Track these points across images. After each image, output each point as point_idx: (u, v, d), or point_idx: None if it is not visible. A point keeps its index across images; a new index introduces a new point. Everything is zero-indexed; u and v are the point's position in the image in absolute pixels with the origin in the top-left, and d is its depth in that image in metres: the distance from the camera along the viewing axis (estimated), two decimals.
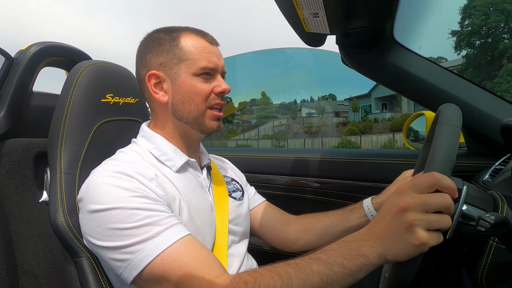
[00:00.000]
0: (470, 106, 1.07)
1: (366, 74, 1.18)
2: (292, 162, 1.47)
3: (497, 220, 0.50)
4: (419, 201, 0.52)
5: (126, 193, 0.67)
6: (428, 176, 0.53)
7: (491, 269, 0.59)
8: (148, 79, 0.82)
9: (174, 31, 0.83)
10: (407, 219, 0.52)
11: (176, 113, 0.82)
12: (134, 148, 0.83)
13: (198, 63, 0.80)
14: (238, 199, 0.96)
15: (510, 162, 0.90)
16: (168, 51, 0.81)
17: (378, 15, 0.93)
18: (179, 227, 0.68)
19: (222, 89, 0.82)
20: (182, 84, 0.80)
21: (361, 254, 0.56)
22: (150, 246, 0.64)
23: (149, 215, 0.66)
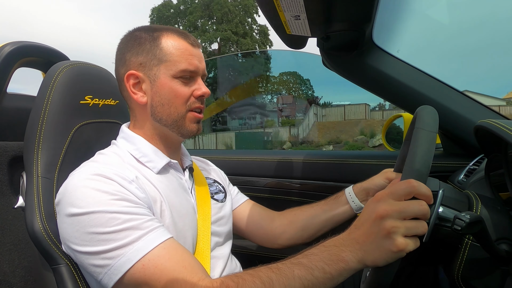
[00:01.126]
0: (446, 108, 1.10)
1: (346, 76, 1.20)
2: (274, 164, 1.47)
3: (472, 219, 0.52)
4: (397, 208, 0.54)
5: (105, 196, 0.65)
6: (405, 183, 0.54)
7: (466, 266, 0.61)
8: (127, 78, 0.80)
9: (155, 31, 0.81)
10: (386, 227, 0.53)
11: (155, 115, 0.81)
12: (113, 150, 0.81)
13: (178, 65, 0.78)
14: (221, 201, 0.96)
15: (483, 162, 0.93)
16: (148, 51, 0.79)
17: (357, 19, 0.94)
18: (160, 230, 0.67)
19: (201, 93, 0.81)
20: (161, 86, 0.79)
21: (341, 259, 0.57)
22: (131, 250, 0.62)
23: (129, 219, 0.64)
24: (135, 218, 0.65)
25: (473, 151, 1.10)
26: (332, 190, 1.36)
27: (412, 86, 1.12)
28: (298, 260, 0.60)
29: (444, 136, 1.24)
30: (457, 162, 1.17)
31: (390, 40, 1.18)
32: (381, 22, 1.02)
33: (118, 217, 0.64)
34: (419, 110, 0.64)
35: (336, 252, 0.57)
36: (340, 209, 0.96)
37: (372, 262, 0.55)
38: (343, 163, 1.37)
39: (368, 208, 0.58)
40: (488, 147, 0.82)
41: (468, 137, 1.11)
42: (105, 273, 0.63)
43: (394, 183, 0.57)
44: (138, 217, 0.66)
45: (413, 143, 0.57)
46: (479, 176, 0.89)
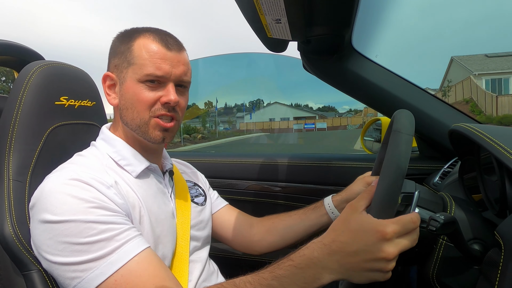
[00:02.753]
0: (421, 112, 1.14)
1: (325, 80, 1.21)
2: (255, 167, 1.47)
3: (446, 220, 0.54)
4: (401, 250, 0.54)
5: (81, 204, 0.63)
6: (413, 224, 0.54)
7: (441, 266, 0.62)
8: (103, 80, 0.80)
9: (136, 32, 0.79)
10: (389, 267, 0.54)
11: (123, 118, 0.79)
12: (92, 152, 0.79)
13: (144, 69, 0.74)
14: (201, 204, 0.95)
15: (457, 165, 0.96)
16: (122, 53, 0.77)
17: (337, 23, 0.96)
18: (136, 240, 0.65)
19: (167, 100, 0.75)
20: (126, 89, 0.76)
21: (316, 281, 0.55)
22: (104, 264, 0.60)
23: (105, 229, 0.62)
24: (111, 228, 0.63)
25: (448, 154, 1.14)
26: (314, 192, 1.37)
27: (389, 90, 1.14)
28: (267, 282, 0.56)
29: (420, 139, 1.27)
30: (433, 164, 1.20)
31: (369, 46, 1.20)
32: (360, 28, 1.04)
33: (93, 227, 0.61)
34: (396, 114, 0.65)
35: (311, 275, 0.55)
36: (319, 219, 0.96)
37: (351, 281, 0.56)
38: (325, 165, 1.38)
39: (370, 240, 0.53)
40: (462, 150, 0.84)
41: (443, 141, 1.15)
42: (76, 285, 0.61)
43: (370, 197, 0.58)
44: (114, 227, 0.63)
45: (390, 145, 0.58)
46: (453, 179, 0.92)
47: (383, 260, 0.53)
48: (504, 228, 0.53)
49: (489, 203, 0.71)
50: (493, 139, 0.65)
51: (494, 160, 0.65)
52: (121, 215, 0.67)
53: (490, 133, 0.67)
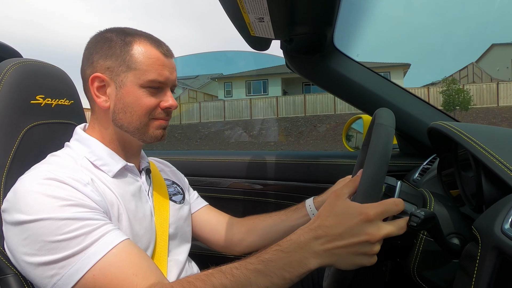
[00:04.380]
0: (402, 111, 1.16)
1: (308, 78, 1.23)
2: (237, 165, 1.47)
3: (427, 215, 0.55)
4: (385, 234, 0.55)
5: (57, 202, 0.61)
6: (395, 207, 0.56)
7: (421, 260, 0.64)
8: (91, 81, 0.77)
9: (128, 35, 0.78)
10: (374, 250, 0.55)
11: (116, 120, 0.78)
12: (67, 152, 0.77)
13: (148, 74, 0.75)
14: (179, 202, 0.94)
15: (436, 162, 0.99)
16: (118, 56, 0.76)
17: (319, 23, 0.97)
18: (114, 233, 0.64)
19: (168, 105, 0.79)
20: (127, 93, 0.76)
21: (303, 266, 0.55)
22: (82, 258, 0.59)
23: (82, 225, 0.61)
24: (88, 224, 0.62)
25: (427, 151, 1.17)
26: (296, 190, 1.38)
27: (370, 89, 1.16)
28: (254, 266, 0.56)
29: (400, 137, 1.30)
30: (412, 161, 1.23)
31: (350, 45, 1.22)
32: (342, 28, 1.06)
33: (70, 223, 0.60)
34: (378, 111, 0.67)
35: (298, 259, 0.55)
36: (300, 220, 0.96)
37: (338, 267, 0.57)
38: (304, 163, 1.40)
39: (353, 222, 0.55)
40: (440, 148, 0.87)
41: (422, 138, 1.18)
42: (54, 284, 0.59)
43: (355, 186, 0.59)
44: (91, 222, 0.62)
45: (374, 136, 0.60)
46: (432, 175, 0.95)
47: (367, 242, 0.54)
48: (481, 222, 0.54)
49: (466, 198, 0.73)
50: (470, 136, 0.67)
51: (471, 157, 0.67)
52: (98, 211, 0.66)
53: (467, 131, 0.69)
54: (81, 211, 0.63)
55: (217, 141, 14.80)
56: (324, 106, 16.15)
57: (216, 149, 12.41)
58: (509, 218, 0.49)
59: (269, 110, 16.76)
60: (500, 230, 0.48)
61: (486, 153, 0.63)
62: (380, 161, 0.56)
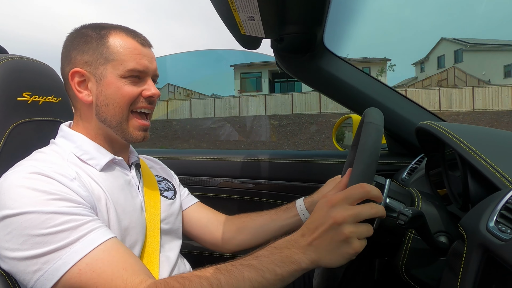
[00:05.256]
0: (390, 110, 1.17)
1: (298, 77, 1.23)
2: (227, 164, 1.47)
3: (414, 214, 0.56)
4: (352, 213, 0.55)
5: (42, 195, 0.60)
6: (360, 188, 0.57)
7: (409, 258, 0.65)
8: (71, 76, 0.77)
9: (103, 29, 0.78)
10: (344, 232, 0.55)
11: (100, 114, 0.77)
12: (53, 148, 0.76)
13: (126, 64, 0.75)
14: (170, 198, 0.94)
15: (423, 161, 1.00)
16: (94, 49, 0.76)
17: (309, 22, 0.97)
18: (101, 230, 0.63)
19: (151, 93, 0.79)
20: (108, 85, 0.76)
21: (293, 262, 0.57)
22: (68, 253, 0.58)
23: (68, 220, 0.60)
24: (75, 219, 0.61)
25: (415, 151, 1.18)
26: (286, 189, 1.39)
27: (360, 89, 1.17)
28: (248, 261, 0.59)
29: (389, 136, 1.31)
30: (401, 161, 1.24)
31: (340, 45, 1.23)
32: (332, 27, 1.06)
33: (55, 217, 0.59)
34: (367, 110, 0.67)
35: (288, 255, 0.57)
36: (290, 220, 0.97)
37: (327, 264, 0.57)
38: (294, 162, 1.40)
39: (322, 212, 0.58)
40: (428, 147, 0.88)
41: (410, 138, 1.19)
42: (37, 280, 0.58)
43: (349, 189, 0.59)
44: (78, 217, 0.61)
45: (363, 135, 0.60)
46: (420, 174, 0.96)
47: (334, 225, 0.55)
48: (467, 221, 0.55)
49: (453, 197, 0.75)
50: (457, 136, 0.68)
51: (458, 156, 0.68)
52: (85, 207, 0.65)
53: (454, 131, 0.70)
54: (67, 205, 0.62)
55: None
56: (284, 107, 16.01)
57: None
58: (494, 216, 0.50)
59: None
60: (486, 228, 0.49)
61: (473, 153, 0.64)
62: (369, 159, 0.57)
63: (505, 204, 0.50)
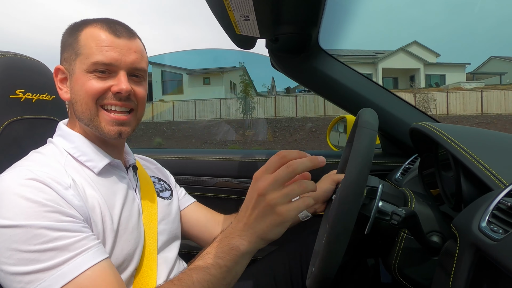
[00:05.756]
0: (385, 111, 1.18)
1: (293, 78, 1.23)
2: (223, 163, 1.47)
3: (407, 214, 0.56)
4: (271, 180, 0.57)
5: (35, 207, 0.59)
6: (276, 156, 0.59)
7: (402, 257, 0.65)
8: (55, 73, 0.77)
9: (83, 24, 0.75)
10: (267, 201, 0.57)
11: (75, 112, 0.76)
12: (50, 148, 0.75)
13: (91, 57, 0.71)
14: (167, 199, 0.93)
15: (417, 161, 1.01)
16: (69, 45, 0.75)
17: (304, 22, 0.97)
18: (92, 251, 0.61)
19: (118, 89, 0.72)
20: (76, 81, 0.73)
21: (232, 248, 0.58)
22: (53, 276, 0.56)
23: (58, 237, 0.58)
24: (65, 236, 0.59)
25: (409, 151, 1.19)
26: None
27: (354, 89, 1.18)
28: (195, 264, 0.60)
29: (383, 137, 1.32)
30: (395, 161, 1.25)
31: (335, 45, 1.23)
32: (327, 28, 1.06)
33: (45, 234, 0.57)
34: (361, 112, 0.67)
35: (226, 243, 0.59)
36: None
37: (264, 239, 0.58)
38: None
39: (251, 190, 0.60)
40: (421, 148, 0.88)
41: (404, 138, 1.20)
42: None
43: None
44: (68, 234, 0.59)
45: (356, 139, 0.60)
46: (414, 175, 0.97)
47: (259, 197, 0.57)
48: (459, 220, 0.56)
49: (446, 197, 0.75)
50: (450, 137, 0.69)
51: (451, 157, 0.69)
52: (77, 221, 0.63)
53: (447, 132, 0.71)
54: (59, 219, 0.60)
55: None
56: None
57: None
58: (486, 216, 0.50)
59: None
60: (478, 228, 0.49)
61: (465, 153, 0.64)
62: (362, 164, 0.57)
63: (497, 205, 0.50)
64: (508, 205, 0.48)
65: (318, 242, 0.83)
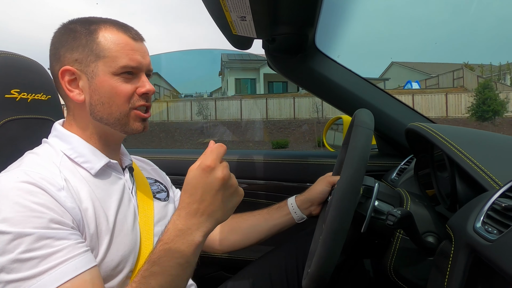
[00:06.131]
0: (381, 112, 1.18)
1: (289, 78, 1.23)
2: None
3: (403, 214, 0.56)
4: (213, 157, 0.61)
5: (23, 212, 0.58)
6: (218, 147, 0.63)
7: (397, 258, 0.65)
8: (61, 75, 0.74)
9: (92, 24, 0.75)
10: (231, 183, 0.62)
11: (95, 114, 0.75)
12: (45, 149, 0.74)
13: (118, 61, 0.73)
14: (163, 200, 0.93)
15: (413, 162, 1.01)
16: (84, 46, 0.73)
17: (301, 23, 0.97)
18: (76, 261, 0.60)
19: (145, 90, 0.76)
20: (101, 83, 0.73)
21: (191, 243, 0.60)
22: (33, 286, 0.55)
23: (41, 246, 0.57)
24: (49, 245, 0.58)
25: (405, 152, 1.19)
26: (278, 189, 1.39)
27: (351, 90, 1.18)
28: (149, 271, 0.59)
29: (379, 137, 1.32)
30: (390, 161, 1.25)
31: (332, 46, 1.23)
32: (324, 29, 1.07)
33: (28, 240, 0.56)
34: (357, 112, 0.68)
35: (183, 241, 0.60)
36: (282, 219, 0.98)
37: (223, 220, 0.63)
38: (286, 162, 1.40)
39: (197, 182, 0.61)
40: (417, 148, 0.89)
41: (400, 139, 1.20)
42: None
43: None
44: (52, 243, 0.58)
45: (353, 139, 0.61)
46: (409, 175, 0.97)
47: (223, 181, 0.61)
48: (454, 221, 0.56)
49: (441, 198, 0.76)
50: (445, 138, 0.69)
51: (446, 157, 0.69)
52: (65, 228, 0.62)
53: (442, 132, 0.71)
54: (45, 226, 0.59)
55: None
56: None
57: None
58: (481, 217, 0.50)
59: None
60: (472, 228, 0.49)
61: (461, 154, 0.65)
62: (359, 163, 0.57)
63: (492, 205, 0.51)
64: (502, 205, 0.48)
65: (314, 243, 0.83)
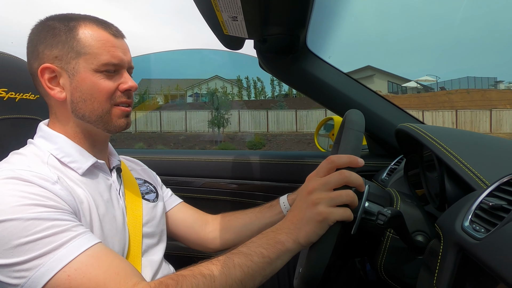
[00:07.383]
0: (371, 112, 1.19)
1: (281, 79, 1.23)
2: (209, 164, 1.46)
3: (393, 214, 0.57)
4: (320, 182, 0.60)
5: (22, 200, 0.58)
6: (338, 175, 0.59)
7: (388, 257, 0.66)
8: (41, 73, 0.73)
9: (71, 20, 0.74)
10: (312, 199, 0.59)
11: (77, 111, 0.74)
12: (31, 150, 0.73)
13: (100, 58, 0.72)
14: (152, 201, 0.92)
15: (403, 162, 1.02)
16: (64, 43, 0.72)
17: (292, 24, 0.98)
18: (86, 236, 0.61)
19: (128, 86, 0.76)
20: (82, 80, 0.73)
21: (278, 242, 0.60)
22: (51, 260, 0.56)
23: (50, 226, 0.58)
24: (57, 224, 0.59)
25: (395, 152, 1.21)
26: (269, 189, 1.39)
27: (341, 90, 1.19)
28: (238, 249, 0.62)
29: (369, 138, 1.33)
30: (381, 162, 1.26)
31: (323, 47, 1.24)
32: (315, 29, 1.07)
33: (36, 224, 0.57)
34: (348, 113, 0.68)
35: (273, 236, 0.61)
36: (274, 218, 0.97)
37: (305, 238, 0.59)
38: (276, 163, 1.41)
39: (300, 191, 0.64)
40: (407, 149, 0.90)
41: (390, 139, 1.21)
42: (21, 286, 0.56)
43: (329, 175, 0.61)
44: (60, 223, 0.59)
45: (343, 141, 0.61)
46: (399, 175, 0.98)
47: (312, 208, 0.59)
48: (443, 220, 0.57)
49: (431, 197, 0.76)
50: (435, 138, 0.70)
51: (435, 157, 0.70)
52: (67, 212, 0.63)
53: (432, 133, 0.72)
54: (48, 210, 0.60)
55: None
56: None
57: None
58: (469, 216, 0.51)
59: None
60: (461, 227, 0.50)
61: (449, 154, 0.65)
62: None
63: (480, 204, 0.52)
64: (489, 205, 0.49)
65: None
